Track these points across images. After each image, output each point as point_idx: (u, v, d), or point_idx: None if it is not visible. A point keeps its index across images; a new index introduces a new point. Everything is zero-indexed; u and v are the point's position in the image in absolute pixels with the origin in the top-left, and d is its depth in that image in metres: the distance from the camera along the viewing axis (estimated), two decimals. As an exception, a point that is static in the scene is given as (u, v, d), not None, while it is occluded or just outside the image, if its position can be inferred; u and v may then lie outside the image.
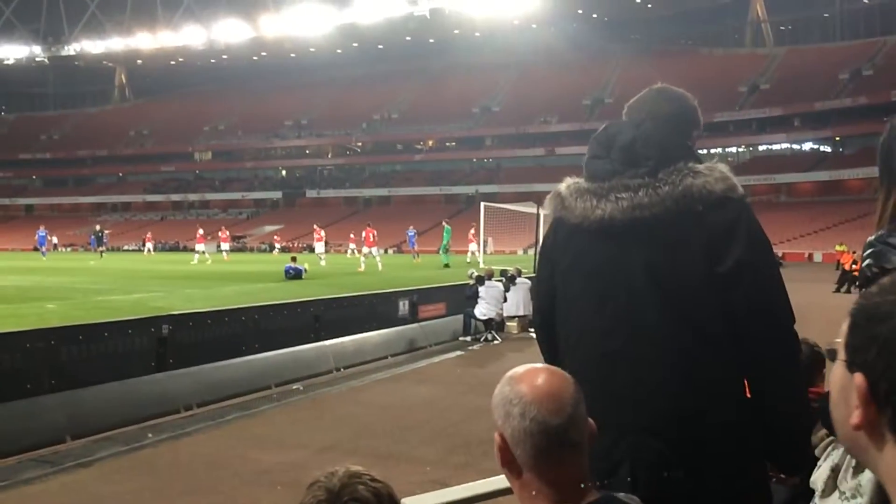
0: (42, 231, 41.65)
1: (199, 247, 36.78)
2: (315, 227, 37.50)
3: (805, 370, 2.02)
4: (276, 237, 53.63)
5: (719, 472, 1.84)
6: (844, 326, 0.92)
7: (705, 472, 1.83)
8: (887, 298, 0.88)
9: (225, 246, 40.49)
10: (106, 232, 45.62)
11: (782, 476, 2.43)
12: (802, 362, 2.06)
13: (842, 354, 0.92)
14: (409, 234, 40.96)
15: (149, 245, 47.78)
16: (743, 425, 1.88)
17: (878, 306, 0.88)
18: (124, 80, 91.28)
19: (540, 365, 1.45)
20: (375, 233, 30.19)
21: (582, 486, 1.40)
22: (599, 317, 1.94)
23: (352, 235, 39.12)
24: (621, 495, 1.50)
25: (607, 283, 1.93)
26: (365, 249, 29.58)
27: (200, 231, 39.03)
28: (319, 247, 34.49)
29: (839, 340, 0.93)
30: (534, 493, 1.39)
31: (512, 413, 1.38)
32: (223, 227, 46.05)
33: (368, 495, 1.31)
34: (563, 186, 2.05)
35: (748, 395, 1.94)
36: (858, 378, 0.86)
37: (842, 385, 0.92)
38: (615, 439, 1.84)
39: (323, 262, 30.90)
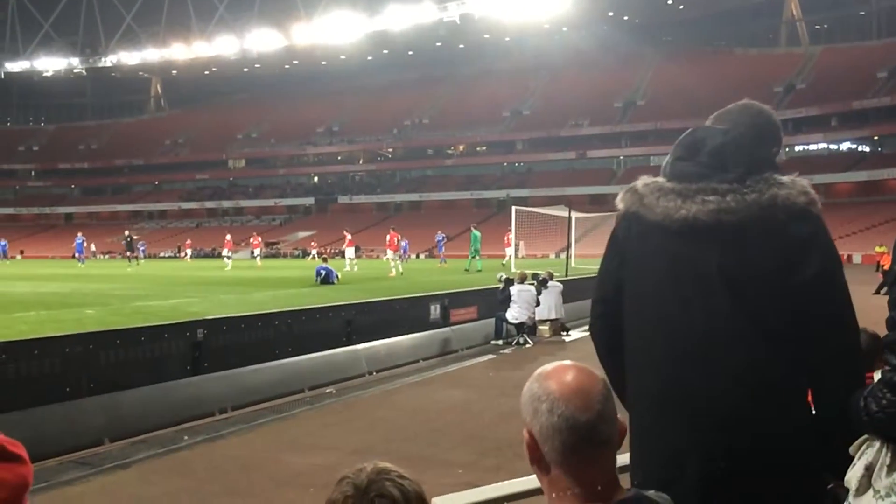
0: (80, 238, 42.18)
1: (226, 252, 37.13)
2: (344, 231, 37.63)
3: (864, 358, 2.06)
4: (312, 243, 53.94)
5: (784, 472, 1.87)
6: None
7: (770, 471, 1.86)
8: None
9: (257, 252, 40.83)
10: (134, 237, 45.67)
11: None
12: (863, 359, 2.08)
13: None
14: (438, 238, 41.08)
15: (188, 251, 48.48)
16: (806, 430, 1.91)
17: None
18: (160, 91, 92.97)
19: (568, 362, 1.44)
20: (400, 237, 30.18)
21: (611, 483, 1.39)
22: (674, 315, 1.97)
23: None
24: (651, 493, 1.48)
25: (684, 282, 1.97)
26: (390, 254, 29.62)
27: (228, 237, 39.35)
28: (350, 252, 34.57)
29: None
30: (562, 490, 1.38)
31: (540, 409, 1.38)
32: (255, 234, 46.46)
33: (395, 492, 1.30)
34: (640, 184, 2.09)
35: (810, 401, 1.98)
36: None
37: None
38: (686, 434, 1.89)
39: (351, 268, 30.62)
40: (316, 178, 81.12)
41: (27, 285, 21.83)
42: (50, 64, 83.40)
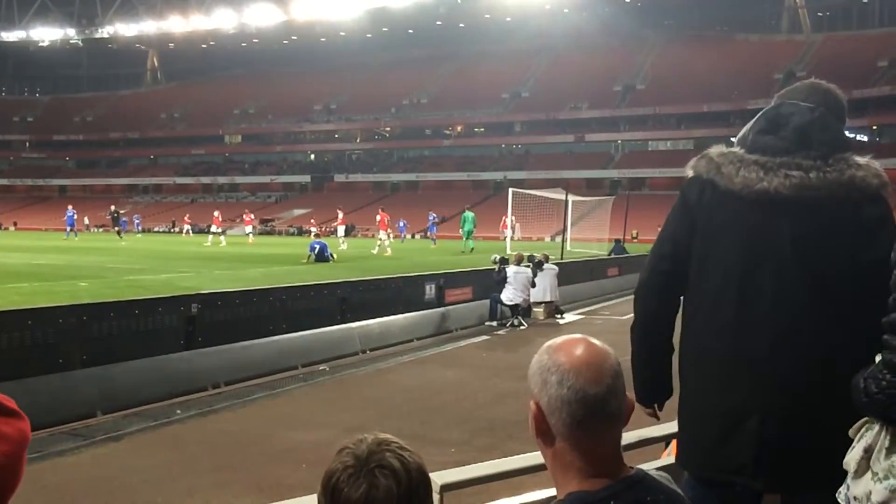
0: (70, 211, 41.72)
1: (214, 228, 36.71)
2: (338, 209, 37.55)
3: None
4: (311, 220, 53.52)
5: (838, 437, 1.91)
6: None
7: (826, 435, 1.94)
8: None
9: (248, 229, 40.26)
10: (121, 212, 45.26)
11: None
12: None
13: None
14: (430, 218, 41.30)
15: (187, 227, 48.01)
16: None
17: None
18: (156, 64, 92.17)
19: (579, 335, 1.42)
20: (389, 217, 31.13)
21: (616, 459, 1.37)
22: (745, 281, 2.05)
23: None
24: (653, 472, 1.46)
25: (757, 250, 2.05)
26: (382, 234, 29.95)
27: (216, 213, 38.87)
28: (341, 230, 34.66)
29: None
30: (566, 464, 1.36)
31: (549, 381, 1.35)
32: (247, 210, 46.07)
33: (396, 463, 1.28)
34: (715, 153, 2.15)
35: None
36: None
37: None
38: (747, 394, 1.99)
39: (343, 246, 31.07)
40: (312, 156, 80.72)
41: (20, 256, 21.76)
42: (46, 34, 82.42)
